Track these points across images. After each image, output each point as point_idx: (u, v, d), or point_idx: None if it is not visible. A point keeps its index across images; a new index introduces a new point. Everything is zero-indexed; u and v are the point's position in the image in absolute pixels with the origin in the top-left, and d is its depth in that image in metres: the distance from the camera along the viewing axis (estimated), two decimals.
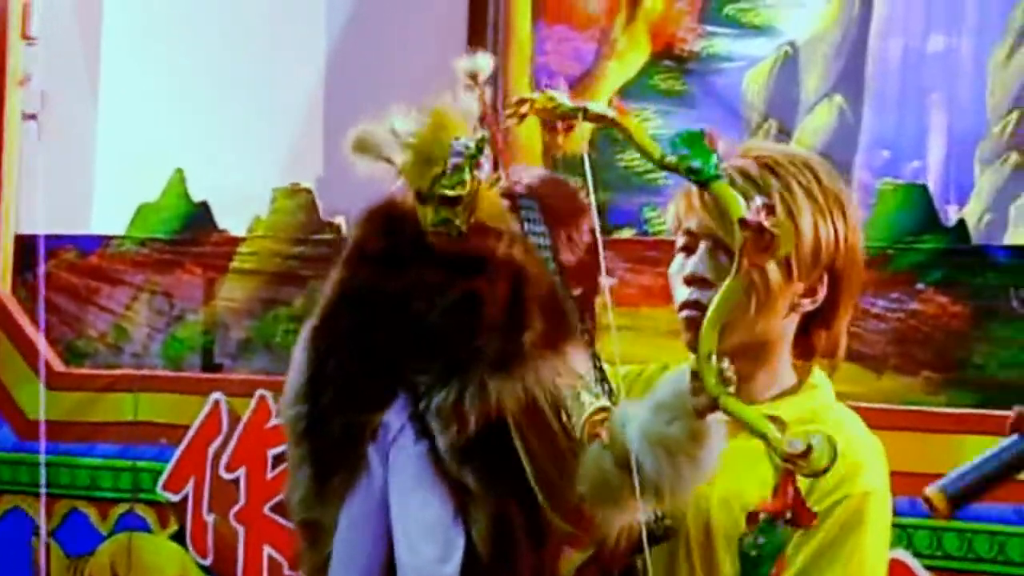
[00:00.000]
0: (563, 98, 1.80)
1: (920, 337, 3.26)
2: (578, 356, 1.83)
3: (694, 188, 1.96)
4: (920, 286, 3.27)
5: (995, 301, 3.23)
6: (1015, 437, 1.76)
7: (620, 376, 1.91)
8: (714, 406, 1.66)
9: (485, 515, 1.79)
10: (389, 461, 1.82)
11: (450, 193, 1.79)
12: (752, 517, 1.72)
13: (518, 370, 1.78)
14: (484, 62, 1.83)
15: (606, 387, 1.81)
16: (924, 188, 3.46)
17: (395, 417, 1.82)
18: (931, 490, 1.75)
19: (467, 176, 1.79)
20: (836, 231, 1.96)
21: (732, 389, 1.66)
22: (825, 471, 1.63)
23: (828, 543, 1.91)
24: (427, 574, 1.79)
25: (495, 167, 1.87)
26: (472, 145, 1.79)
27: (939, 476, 3.05)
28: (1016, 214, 5.65)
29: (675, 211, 2.01)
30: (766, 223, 1.64)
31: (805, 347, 2.04)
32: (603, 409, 1.76)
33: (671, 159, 1.70)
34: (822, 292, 1.98)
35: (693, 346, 1.98)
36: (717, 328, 1.67)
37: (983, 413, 3.15)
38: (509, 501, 1.79)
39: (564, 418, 1.77)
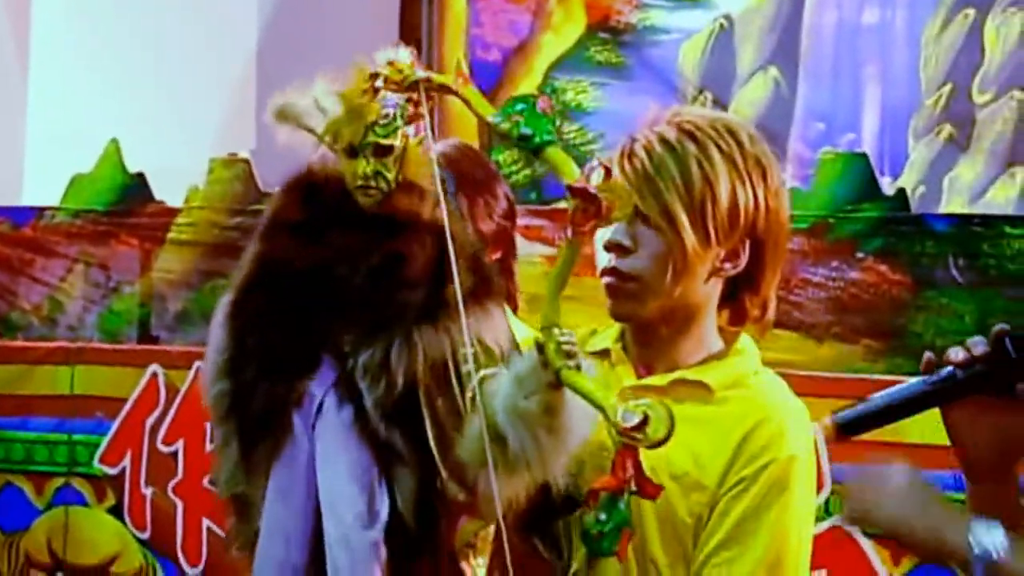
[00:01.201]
0: (409, 69, 1.79)
1: (860, 305, 3.28)
2: (499, 314, 1.85)
3: (613, 158, 1.97)
4: (860, 255, 3.28)
5: (934, 270, 3.25)
6: (917, 380, 1.78)
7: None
8: (555, 377, 1.67)
9: (413, 478, 1.80)
10: (315, 431, 1.82)
11: (384, 141, 1.80)
12: (592, 494, 1.72)
13: (443, 322, 1.80)
14: (405, 56, 1.82)
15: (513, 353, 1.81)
16: (864, 157, 3.47)
17: (319, 385, 1.83)
18: (824, 418, 1.76)
19: (400, 126, 1.80)
20: (756, 196, 1.96)
21: (574, 362, 1.66)
22: (663, 442, 1.64)
23: (754, 508, 1.92)
24: (351, 539, 1.79)
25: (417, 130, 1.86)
26: (403, 99, 1.80)
27: (879, 444, 3.09)
28: (949, 186, 5.69)
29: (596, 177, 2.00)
30: (592, 189, 1.64)
31: (734, 313, 2.05)
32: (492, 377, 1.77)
33: (504, 126, 1.70)
34: (744, 257, 1.98)
35: (616, 313, 1.99)
36: (556, 298, 1.68)
37: None
38: (434, 467, 1.80)
39: (463, 381, 1.79)
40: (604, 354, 2.04)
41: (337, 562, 1.79)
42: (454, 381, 1.80)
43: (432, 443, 1.79)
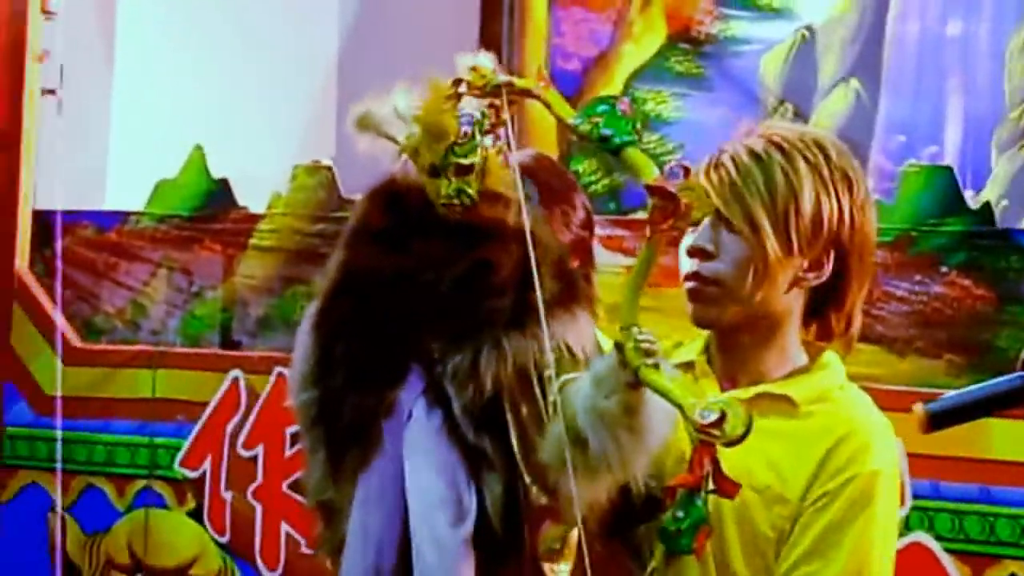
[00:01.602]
0: (491, 74, 1.79)
1: (943, 320, 3.25)
2: (585, 319, 1.86)
3: (701, 167, 1.98)
4: (944, 269, 3.26)
5: (1019, 284, 3.22)
6: (1016, 374, 1.76)
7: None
8: (635, 378, 1.67)
9: (501, 482, 1.81)
10: (404, 438, 1.83)
11: (464, 161, 1.80)
12: (670, 492, 1.73)
13: (531, 328, 1.81)
14: (485, 60, 1.83)
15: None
16: (949, 170, 3.44)
17: (408, 393, 1.83)
18: (917, 406, 1.74)
19: (478, 142, 1.81)
20: (840, 207, 1.96)
21: (652, 361, 1.67)
22: (742, 439, 1.64)
23: (837, 522, 1.92)
24: (440, 541, 1.80)
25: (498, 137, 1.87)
26: (480, 112, 1.81)
27: (962, 459, 3.07)
28: None
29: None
30: (670, 187, 1.64)
31: (820, 327, 2.05)
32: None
33: (584, 127, 1.71)
34: (828, 267, 1.98)
35: (697, 318, 1.99)
36: (635, 298, 1.68)
37: None
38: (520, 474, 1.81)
39: (545, 388, 1.79)
40: (688, 367, 2.04)
41: (426, 561, 1.80)
42: (538, 387, 1.80)
43: (516, 448, 1.80)
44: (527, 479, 1.80)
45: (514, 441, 1.80)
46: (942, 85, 5.94)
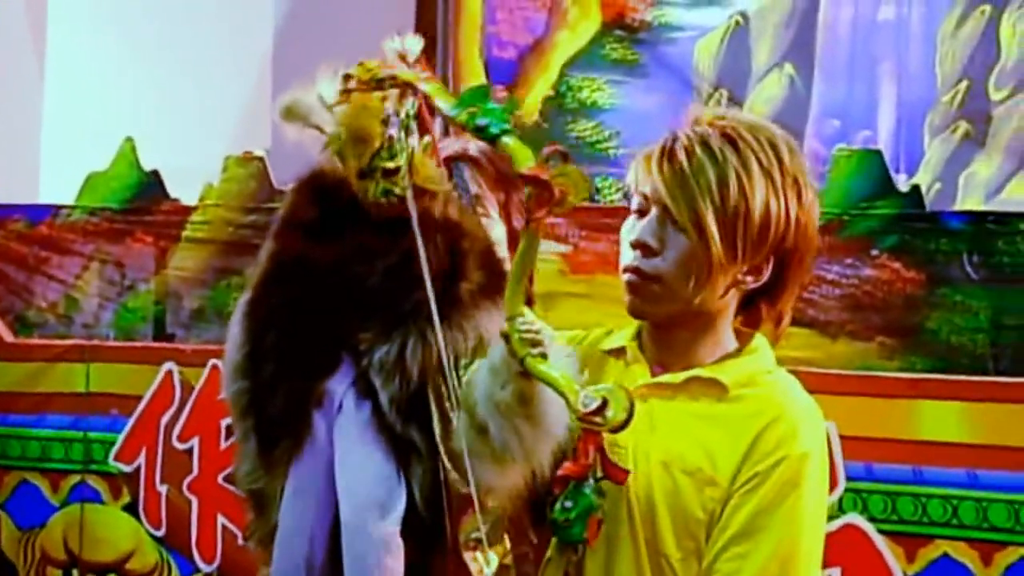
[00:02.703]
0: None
1: (874, 303, 3.27)
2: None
3: (653, 153, 1.97)
4: (874, 252, 3.27)
5: (949, 267, 3.24)
6: None
7: (565, 339, 1.93)
8: (520, 364, 1.69)
9: (428, 472, 1.82)
10: (334, 429, 1.83)
11: (390, 165, 1.82)
12: (557, 482, 1.73)
13: (456, 318, 1.82)
14: (413, 44, 1.84)
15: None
16: (879, 154, 3.46)
17: (338, 383, 1.84)
18: None
19: (404, 145, 1.82)
20: (788, 213, 1.95)
21: (537, 350, 1.69)
22: (624, 426, 1.67)
23: (767, 503, 1.92)
24: (368, 531, 1.81)
25: (423, 132, 1.88)
26: (404, 113, 1.82)
27: (894, 441, 3.09)
28: (965, 183, 5.68)
29: (633, 173, 2.00)
30: (543, 175, 1.65)
31: (748, 318, 2.05)
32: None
33: (461, 117, 1.72)
34: (767, 272, 1.98)
35: (633, 310, 1.99)
36: (519, 289, 1.70)
37: (937, 378, 3.17)
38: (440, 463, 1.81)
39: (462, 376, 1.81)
40: (620, 352, 2.04)
41: (354, 551, 1.81)
42: (459, 377, 1.81)
43: (438, 438, 1.80)
44: (447, 467, 1.80)
45: (437, 431, 1.81)
46: (875, 70, 5.98)
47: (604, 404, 1.65)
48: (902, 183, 5.25)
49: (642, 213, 1.99)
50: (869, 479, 3.12)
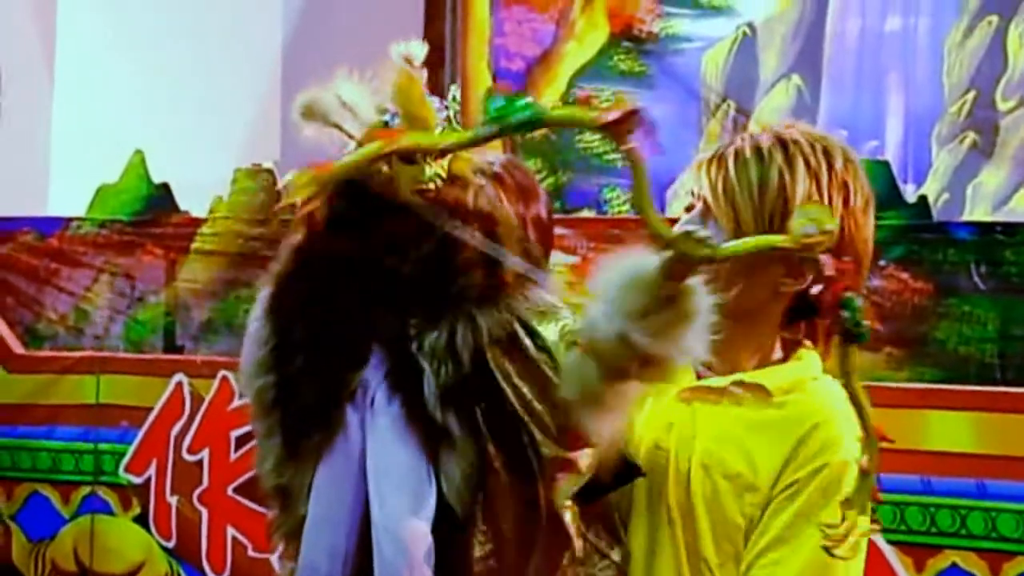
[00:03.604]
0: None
1: (883, 313, 3.27)
2: (552, 292, 1.87)
3: (703, 157, 1.99)
4: (882, 263, 3.28)
5: (956, 277, 3.25)
6: None
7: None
8: (692, 265, 1.66)
9: (464, 461, 1.80)
10: (367, 422, 1.83)
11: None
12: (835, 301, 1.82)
13: (503, 301, 1.82)
14: (418, 49, 1.85)
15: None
16: (886, 164, 3.46)
17: (372, 375, 1.83)
18: None
19: (456, 127, 1.83)
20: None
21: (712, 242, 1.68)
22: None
23: (805, 511, 1.92)
24: (399, 527, 1.80)
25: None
26: (451, 96, 1.85)
27: (902, 451, 3.09)
28: (973, 193, 5.69)
29: (689, 174, 2.04)
30: (608, 118, 1.65)
31: (806, 329, 2.05)
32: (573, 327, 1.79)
33: (493, 130, 1.71)
34: (809, 275, 1.97)
35: None
36: (653, 210, 1.67)
37: (945, 388, 3.17)
38: (486, 447, 1.80)
39: (540, 342, 1.80)
40: None
41: (383, 550, 1.81)
42: (529, 347, 1.80)
43: (521, 411, 1.79)
44: (537, 436, 1.79)
45: (517, 407, 1.79)
46: (882, 80, 5.99)
47: (827, 230, 1.68)
48: (910, 193, 5.25)
49: (689, 210, 2.03)
50: (878, 489, 3.12)
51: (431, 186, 1.83)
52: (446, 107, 1.84)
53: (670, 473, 1.96)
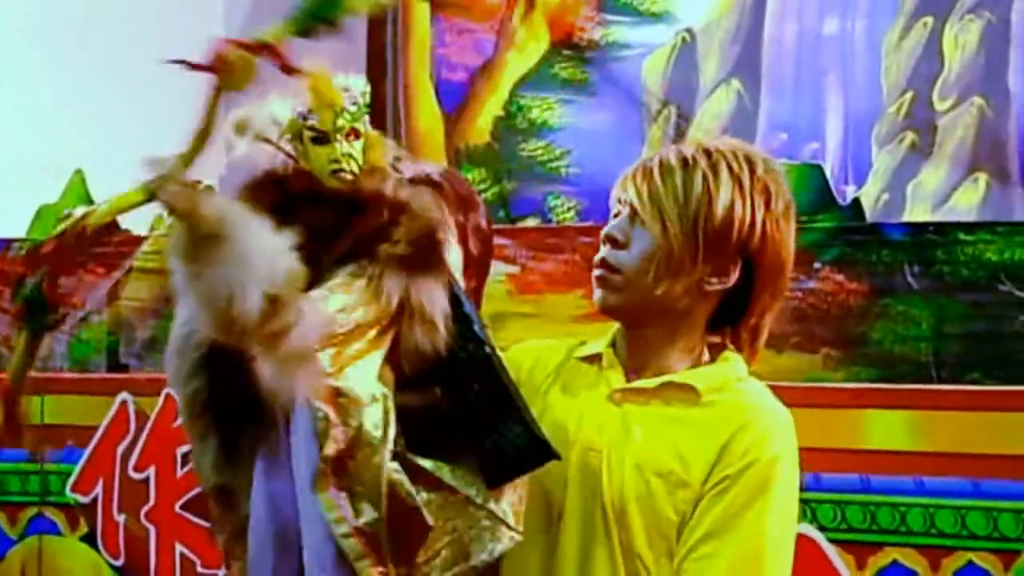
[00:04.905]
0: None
1: (819, 315, 3.30)
2: (435, 292, 1.89)
3: (628, 171, 2.06)
4: (817, 265, 3.30)
5: (891, 277, 3.27)
6: None
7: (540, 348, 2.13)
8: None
9: None
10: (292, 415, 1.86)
11: (357, 125, 1.89)
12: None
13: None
14: (358, 83, 1.91)
15: None
16: (819, 168, 3.50)
17: None
18: None
19: (366, 112, 1.90)
20: (754, 217, 2.01)
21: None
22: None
23: (735, 506, 1.97)
24: (315, 516, 1.84)
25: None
26: (361, 91, 1.91)
27: (841, 451, 3.12)
28: (913, 193, 5.74)
29: (617, 185, 2.09)
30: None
31: (729, 335, 2.11)
32: None
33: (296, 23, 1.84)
34: (733, 276, 2.03)
35: (600, 303, 2.07)
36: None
37: (882, 388, 3.20)
38: None
39: None
40: (595, 359, 2.11)
41: (312, 536, 1.85)
42: None
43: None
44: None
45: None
46: (821, 83, 6.04)
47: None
48: (850, 194, 5.30)
49: (617, 215, 2.08)
50: (818, 489, 3.14)
51: (344, 166, 1.88)
52: (358, 94, 1.90)
53: (603, 474, 2.00)
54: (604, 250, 2.07)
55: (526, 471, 1.95)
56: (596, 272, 2.07)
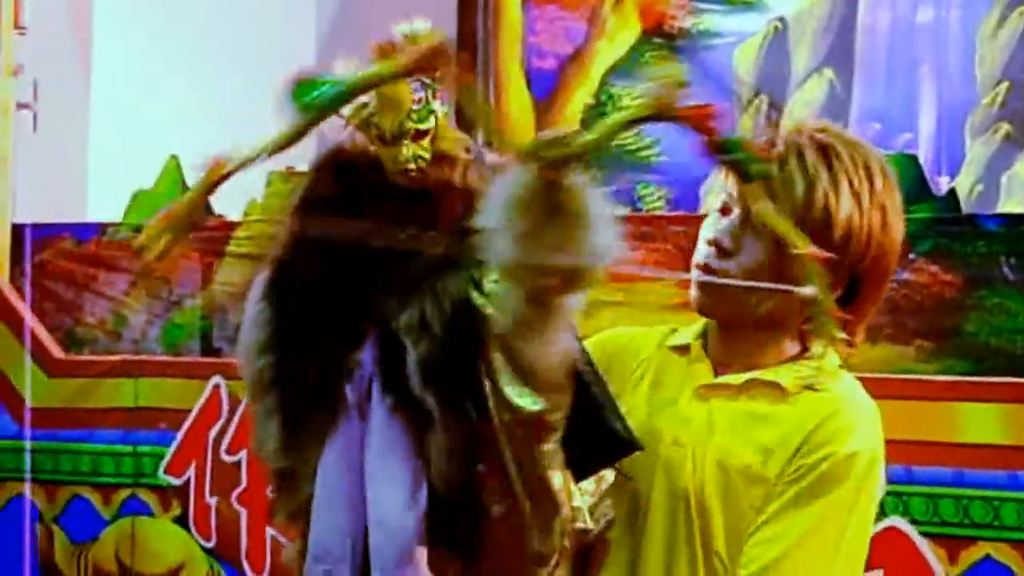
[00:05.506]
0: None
1: (912, 306, 3.28)
2: None
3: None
4: (912, 256, 3.28)
5: (986, 269, 3.25)
6: None
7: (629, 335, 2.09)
8: (558, 167, 1.68)
9: (445, 438, 1.81)
10: (366, 407, 1.85)
11: (422, 126, 1.84)
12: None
13: (464, 263, 1.83)
14: (420, 26, 1.84)
15: None
16: (914, 158, 3.48)
17: (367, 356, 1.86)
18: None
19: (433, 108, 1.84)
20: (870, 236, 1.97)
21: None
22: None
23: (804, 494, 1.93)
24: (390, 520, 1.83)
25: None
26: (430, 77, 1.84)
27: (934, 444, 3.10)
28: (1007, 184, 5.67)
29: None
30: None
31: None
32: None
33: (307, 119, 1.75)
34: (840, 290, 1.97)
35: (699, 307, 2.02)
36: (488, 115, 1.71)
37: (976, 380, 3.18)
38: (467, 423, 1.81)
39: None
40: (684, 349, 2.07)
41: (375, 538, 1.83)
42: (478, 301, 1.81)
43: (495, 369, 1.80)
44: (508, 392, 1.80)
45: (483, 369, 1.81)
46: (915, 72, 5.97)
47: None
48: (944, 185, 5.25)
49: (724, 211, 2.02)
50: (910, 482, 3.12)
51: (411, 167, 1.84)
52: (424, 86, 1.84)
53: (687, 469, 1.98)
54: (708, 253, 2.01)
55: (608, 464, 1.95)
56: (697, 275, 2.00)
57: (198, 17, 5.65)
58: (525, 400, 1.79)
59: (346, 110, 1.85)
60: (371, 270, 1.85)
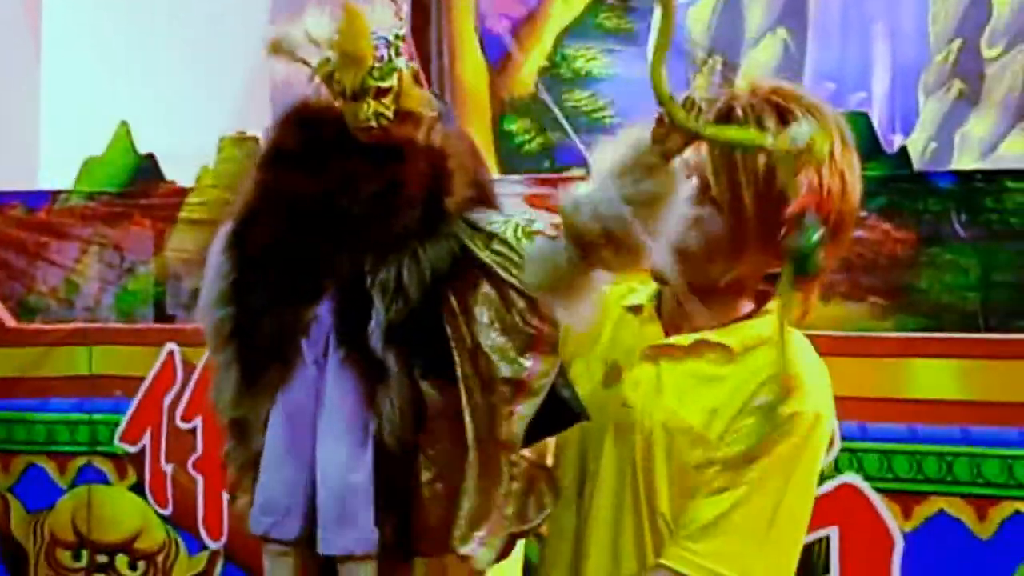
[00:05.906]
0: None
1: (866, 264, 3.28)
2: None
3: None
4: (864, 213, 3.28)
5: (938, 226, 3.25)
6: None
7: None
8: (685, 143, 1.69)
9: (399, 396, 1.83)
10: (321, 361, 1.86)
11: (384, 84, 1.83)
12: (792, 219, 1.74)
13: (443, 230, 1.84)
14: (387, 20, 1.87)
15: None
16: (865, 116, 3.47)
17: (325, 311, 1.87)
18: None
19: (396, 65, 1.84)
20: (830, 205, 1.94)
21: (703, 119, 1.70)
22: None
23: (744, 455, 1.92)
24: (334, 477, 1.85)
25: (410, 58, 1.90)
26: (393, 34, 1.85)
27: (888, 400, 3.12)
28: (961, 141, 5.69)
29: None
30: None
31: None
32: (532, 221, 1.83)
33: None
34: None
35: (656, 276, 2.00)
36: (662, 71, 1.69)
37: (928, 336, 3.19)
38: (419, 381, 1.83)
39: (495, 243, 1.83)
40: (638, 310, 2.07)
41: (320, 494, 1.85)
42: (481, 257, 1.83)
43: (479, 329, 1.83)
44: (492, 358, 1.83)
45: (463, 334, 1.83)
46: (868, 31, 5.98)
47: (812, 142, 1.68)
48: (898, 143, 5.26)
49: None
50: (864, 438, 3.14)
51: (373, 124, 1.84)
52: (387, 44, 1.84)
53: (635, 431, 1.98)
54: None
55: (555, 432, 1.95)
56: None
57: None
58: (514, 366, 1.82)
59: (314, 63, 1.85)
60: (334, 227, 1.85)
